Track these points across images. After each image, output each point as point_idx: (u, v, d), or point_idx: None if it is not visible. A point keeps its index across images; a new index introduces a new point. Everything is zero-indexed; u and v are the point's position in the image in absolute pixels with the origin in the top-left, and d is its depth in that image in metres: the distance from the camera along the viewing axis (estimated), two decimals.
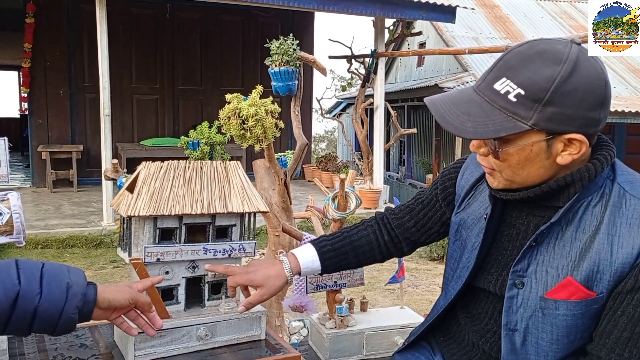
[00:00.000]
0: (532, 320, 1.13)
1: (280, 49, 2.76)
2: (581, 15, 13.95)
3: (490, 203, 1.20)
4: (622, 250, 1.04)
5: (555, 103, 0.99)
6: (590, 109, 1.01)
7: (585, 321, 1.09)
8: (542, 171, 1.07)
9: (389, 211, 1.51)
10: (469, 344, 1.30)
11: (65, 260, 5.93)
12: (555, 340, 1.11)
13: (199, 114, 10.11)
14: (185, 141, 5.94)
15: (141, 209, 1.37)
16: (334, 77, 20.32)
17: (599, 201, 1.08)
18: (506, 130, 1.01)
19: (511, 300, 1.15)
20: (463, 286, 1.27)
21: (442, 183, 1.41)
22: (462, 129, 1.04)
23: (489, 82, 1.06)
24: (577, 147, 1.04)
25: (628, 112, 8.71)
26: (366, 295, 4.16)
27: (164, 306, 1.42)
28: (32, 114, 9.37)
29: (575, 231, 1.08)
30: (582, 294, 1.07)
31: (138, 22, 9.68)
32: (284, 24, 10.44)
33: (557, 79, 0.99)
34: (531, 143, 1.03)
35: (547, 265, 1.10)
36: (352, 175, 2.94)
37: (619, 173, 1.11)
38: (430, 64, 12.51)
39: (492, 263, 1.22)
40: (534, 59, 1.01)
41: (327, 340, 2.16)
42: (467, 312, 1.31)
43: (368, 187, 8.34)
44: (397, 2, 7.70)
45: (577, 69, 1.00)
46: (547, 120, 1.00)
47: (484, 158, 1.13)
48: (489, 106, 1.04)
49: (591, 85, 1.01)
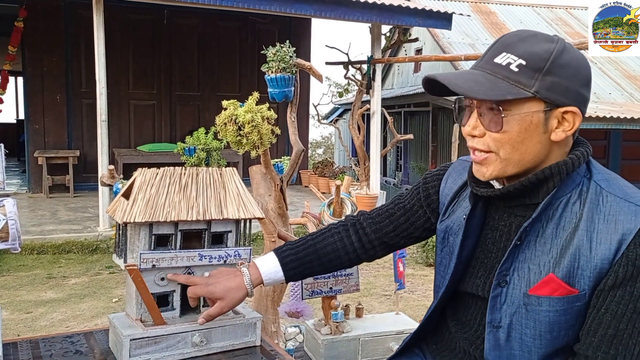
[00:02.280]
0: (516, 316, 1.14)
1: (277, 55, 2.77)
2: (577, 22, 14.03)
3: (470, 204, 1.22)
4: (600, 247, 1.07)
5: (554, 73, 1.06)
6: (581, 84, 1.09)
7: (568, 318, 1.11)
8: (539, 147, 1.10)
9: (365, 215, 1.49)
10: (460, 351, 1.31)
11: (61, 266, 5.92)
12: (539, 336, 1.13)
13: (196, 119, 10.12)
14: (181, 147, 5.95)
15: (137, 216, 1.37)
16: (331, 84, 20.37)
17: (578, 199, 1.12)
18: (512, 94, 1.06)
19: (495, 299, 1.17)
20: (450, 290, 1.28)
21: (424, 190, 1.40)
22: (470, 90, 1.08)
23: (488, 58, 1.11)
24: (571, 122, 1.09)
25: (624, 119, 8.74)
26: (362, 301, 4.16)
27: (159, 312, 1.42)
28: (28, 120, 9.36)
29: (556, 228, 1.11)
30: (564, 291, 1.09)
31: (135, 28, 9.70)
32: (281, 30, 10.48)
33: (553, 52, 1.07)
34: (532, 113, 1.08)
35: (530, 263, 1.13)
36: (347, 181, 2.95)
37: (595, 172, 1.15)
38: (427, 70, 12.55)
39: (478, 267, 1.24)
40: (529, 38, 1.10)
41: (322, 347, 2.16)
42: (456, 319, 1.31)
43: (365, 193, 8.35)
44: (394, 8, 7.74)
45: (567, 48, 1.09)
46: (547, 89, 1.06)
47: (479, 141, 1.13)
48: (492, 77, 1.09)
49: (581, 62, 1.10)
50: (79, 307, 4.68)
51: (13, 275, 5.59)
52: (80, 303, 4.80)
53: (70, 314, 4.52)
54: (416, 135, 11.33)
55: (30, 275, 5.60)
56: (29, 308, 4.65)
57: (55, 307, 4.69)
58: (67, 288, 5.22)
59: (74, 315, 4.50)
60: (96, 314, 4.51)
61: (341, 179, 2.40)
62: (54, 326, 4.24)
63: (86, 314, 4.52)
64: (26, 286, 5.24)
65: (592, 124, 8.69)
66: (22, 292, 5.06)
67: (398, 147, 13.36)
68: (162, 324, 1.42)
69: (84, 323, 4.32)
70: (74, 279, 5.50)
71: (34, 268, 5.84)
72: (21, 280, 5.42)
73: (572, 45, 1.12)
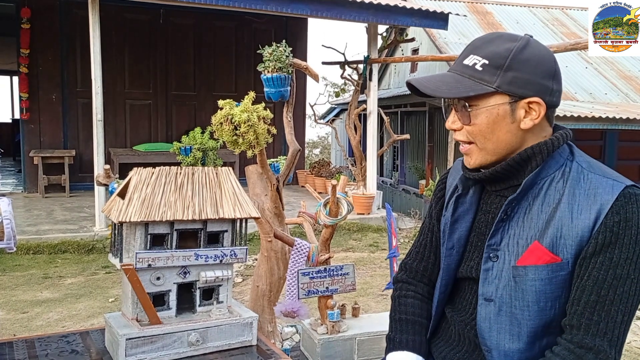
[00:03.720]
0: (507, 290, 1.21)
1: (273, 55, 2.77)
2: (573, 22, 14.07)
3: (460, 188, 1.33)
4: (580, 217, 1.15)
5: (514, 68, 1.18)
6: (543, 77, 1.20)
7: (552, 288, 1.17)
8: (509, 136, 1.21)
9: (408, 263, 1.49)
10: (455, 338, 1.34)
11: (57, 266, 5.91)
12: (527, 307, 1.19)
13: (192, 119, 10.10)
14: (177, 147, 5.94)
15: (132, 215, 1.37)
16: (327, 83, 20.37)
17: (561, 178, 1.21)
18: (474, 90, 1.19)
19: (486, 272, 1.24)
20: (445, 274, 1.34)
21: (437, 201, 1.44)
22: (437, 90, 1.22)
23: (459, 61, 1.25)
24: (537, 111, 1.20)
25: (619, 119, 8.76)
26: (359, 300, 4.16)
27: (155, 312, 1.42)
28: (24, 119, 9.33)
29: (541, 205, 1.21)
30: (548, 258, 1.17)
31: (131, 28, 9.68)
32: (278, 29, 10.47)
33: (514, 50, 1.19)
34: (497, 106, 1.20)
35: (518, 238, 1.21)
36: (343, 181, 2.95)
37: (577, 154, 1.25)
38: (424, 70, 12.56)
39: (472, 250, 1.31)
40: (495, 39, 1.23)
41: (318, 346, 2.17)
42: (452, 305, 1.37)
43: (361, 193, 8.35)
44: (390, 8, 7.74)
45: (529, 44, 1.21)
46: (508, 83, 1.18)
47: (460, 133, 1.26)
48: (459, 77, 1.22)
49: (542, 57, 1.21)
50: (75, 307, 4.67)
51: (9, 275, 5.57)
52: (76, 303, 4.78)
53: (67, 314, 4.51)
54: (413, 136, 11.35)
55: (26, 275, 5.58)
56: (25, 308, 4.64)
57: (51, 307, 4.68)
58: (63, 288, 5.21)
59: (70, 315, 4.48)
60: (92, 313, 4.50)
61: (337, 179, 2.40)
62: (50, 326, 4.23)
63: (82, 314, 4.51)
64: (22, 286, 5.22)
65: (588, 124, 8.71)
66: (18, 292, 5.05)
67: (395, 147, 13.37)
68: (158, 324, 1.42)
69: (80, 323, 4.31)
70: (70, 279, 5.49)
71: (30, 268, 5.83)
72: (17, 280, 5.40)
73: (538, 42, 1.23)
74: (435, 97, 1.24)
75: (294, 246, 2.76)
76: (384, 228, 7.82)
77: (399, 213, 9.76)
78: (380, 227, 7.93)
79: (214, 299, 1.56)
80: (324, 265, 2.71)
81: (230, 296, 1.61)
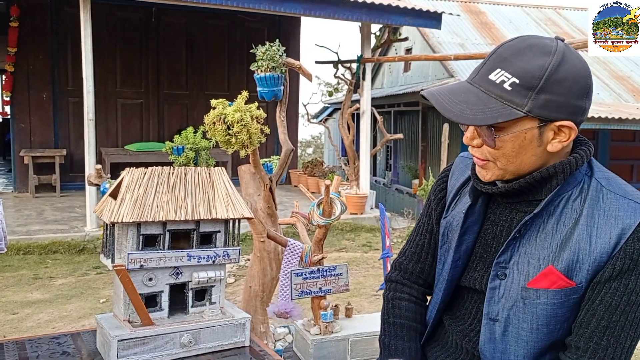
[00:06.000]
0: (514, 310, 1.16)
1: (266, 54, 2.76)
2: (565, 22, 14.13)
3: (470, 199, 1.24)
4: (599, 241, 1.09)
5: (548, 90, 1.05)
6: (578, 97, 1.08)
7: (564, 311, 1.13)
8: (534, 159, 1.12)
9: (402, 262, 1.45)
10: (452, 346, 1.31)
11: (48, 266, 5.86)
12: (536, 330, 1.14)
13: (184, 118, 10.07)
14: (169, 146, 5.91)
15: (125, 216, 1.36)
16: (320, 83, 20.37)
17: (579, 195, 1.14)
18: (503, 116, 1.06)
19: (493, 290, 1.18)
20: (449, 286, 1.28)
21: (436, 201, 1.37)
22: (461, 115, 1.08)
23: (483, 73, 1.10)
24: (567, 134, 1.10)
25: (612, 119, 8.80)
26: (352, 301, 4.15)
27: (147, 313, 1.41)
28: (14, 118, 9.26)
29: (557, 223, 1.13)
30: (563, 283, 1.11)
31: (123, 26, 9.63)
32: (271, 28, 10.45)
33: (548, 67, 1.05)
34: (525, 130, 1.09)
35: (529, 257, 1.14)
36: (337, 181, 2.95)
37: (595, 170, 1.17)
38: (417, 69, 12.58)
39: (477, 261, 1.25)
40: (526, 51, 1.08)
41: (311, 347, 2.16)
42: (451, 313, 1.32)
43: (354, 192, 8.35)
44: (384, 7, 7.75)
45: (565, 60, 1.07)
46: (540, 107, 1.06)
47: (477, 150, 1.16)
48: (485, 95, 1.08)
49: (578, 75, 1.08)
50: (66, 308, 4.64)
51: None
52: (67, 304, 4.75)
53: (57, 315, 4.48)
54: (406, 135, 11.35)
55: (16, 275, 5.54)
56: (15, 309, 4.60)
57: (42, 308, 4.64)
58: (54, 289, 5.17)
59: (60, 316, 4.45)
60: (83, 314, 4.47)
61: (331, 179, 2.39)
62: (41, 327, 4.20)
63: (73, 315, 4.48)
64: (12, 287, 5.18)
65: None
66: (8, 293, 5.00)
67: (388, 146, 13.38)
68: (150, 325, 1.41)
69: (71, 324, 4.28)
70: (60, 280, 5.45)
71: (20, 268, 5.78)
72: (7, 280, 5.36)
73: (573, 52, 1.09)
74: (456, 122, 1.10)
75: (287, 246, 2.75)
76: (377, 228, 7.83)
77: (392, 213, 9.77)
78: (373, 227, 7.94)
79: (207, 300, 1.55)
80: (317, 266, 2.70)
81: (223, 297, 1.60)
